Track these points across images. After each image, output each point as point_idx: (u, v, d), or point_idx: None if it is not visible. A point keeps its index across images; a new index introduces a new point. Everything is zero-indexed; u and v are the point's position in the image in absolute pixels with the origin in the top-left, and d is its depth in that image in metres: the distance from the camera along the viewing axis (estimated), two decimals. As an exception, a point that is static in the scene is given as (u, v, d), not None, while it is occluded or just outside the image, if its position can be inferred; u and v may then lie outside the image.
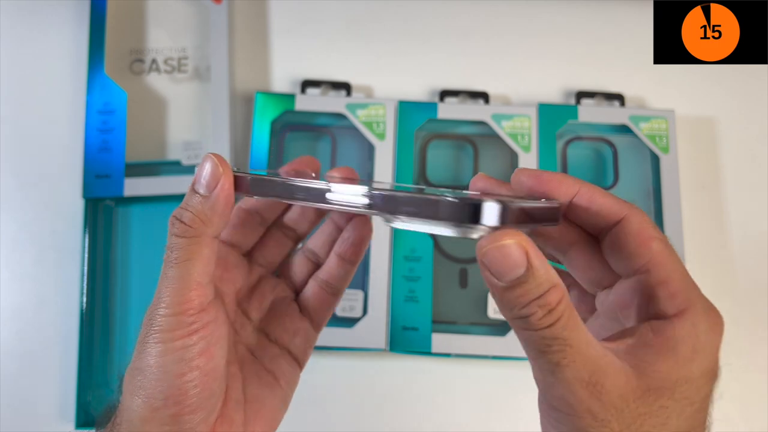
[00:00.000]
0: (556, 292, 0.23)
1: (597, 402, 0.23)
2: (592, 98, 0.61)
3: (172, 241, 0.29)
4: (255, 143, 0.58)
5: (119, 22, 0.61)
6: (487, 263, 0.23)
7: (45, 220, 0.59)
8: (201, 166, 0.29)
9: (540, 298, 0.22)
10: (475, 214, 0.22)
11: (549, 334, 0.23)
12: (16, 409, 0.56)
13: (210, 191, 0.29)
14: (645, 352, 0.24)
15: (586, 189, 0.26)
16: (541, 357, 0.23)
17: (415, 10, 0.64)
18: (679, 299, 0.24)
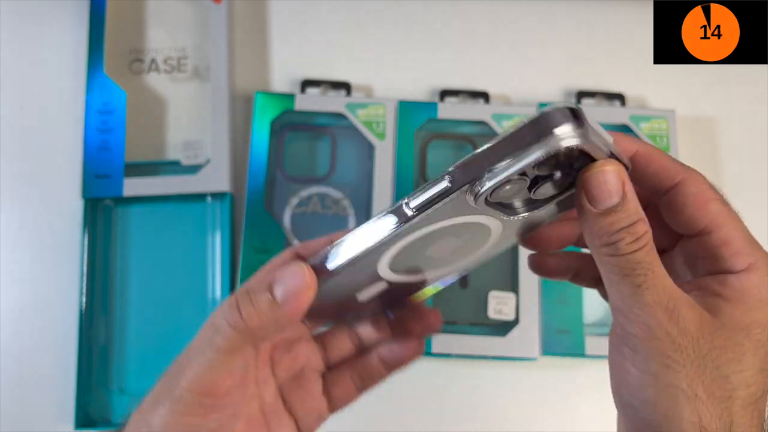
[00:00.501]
0: (644, 224, 0.24)
1: (675, 326, 0.24)
2: (593, 98, 0.61)
3: (223, 326, 0.26)
4: (255, 143, 0.57)
5: (119, 21, 0.61)
6: (586, 188, 0.24)
7: (44, 220, 0.58)
8: (290, 270, 0.26)
9: (630, 227, 0.24)
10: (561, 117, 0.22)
11: (634, 258, 0.24)
12: (16, 409, 0.56)
13: (286, 303, 0.26)
14: (715, 300, 0.25)
15: (645, 148, 0.27)
16: (624, 280, 0.24)
17: (415, 10, 0.64)
18: (743, 257, 0.25)
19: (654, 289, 0.24)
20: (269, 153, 0.58)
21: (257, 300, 0.26)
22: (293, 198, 0.58)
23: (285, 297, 0.26)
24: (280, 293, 0.26)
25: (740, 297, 0.25)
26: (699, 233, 0.26)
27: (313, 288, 0.26)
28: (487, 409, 0.56)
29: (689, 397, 0.24)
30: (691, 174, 0.26)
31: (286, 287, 0.26)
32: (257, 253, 0.55)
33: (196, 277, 0.57)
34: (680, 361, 0.24)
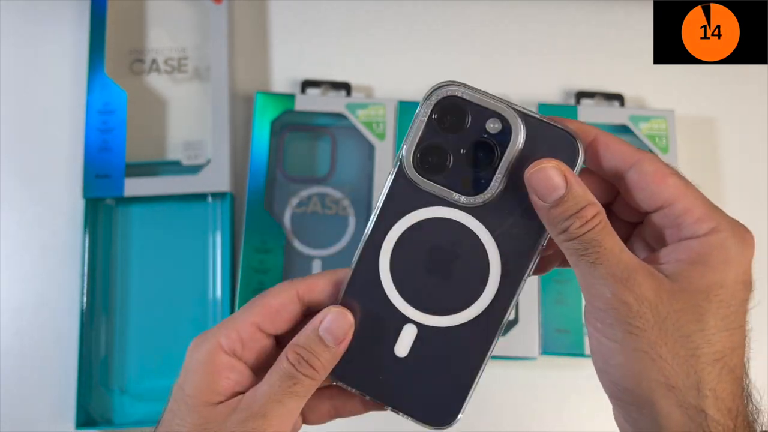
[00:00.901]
0: (592, 208, 0.26)
1: (630, 294, 0.25)
2: (592, 98, 0.61)
3: (297, 377, 0.29)
4: (255, 143, 0.58)
5: (119, 22, 0.61)
6: (533, 186, 0.27)
7: (45, 220, 0.59)
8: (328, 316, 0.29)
9: (578, 213, 0.26)
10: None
11: (584, 238, 0.26)
12: (16, 409, 0.56)
13: (337, 344, 0.29)
14: (676, 265, 0.26)
15: (603, 135, 0.29)
16: (580, 261, 0.26)
17: (415, 10, 0.64)
18: (705, 222, 0.26)
19: (606, 263, 0.26)
20: (269, 153, 0.58)
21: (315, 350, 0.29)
22: (293, 198, 0.58)
23: (336, 340, 0.29)
24: (332, 339, 0.29)
25: (700, 259, 0.26)
26: (661, 206, 0.27)
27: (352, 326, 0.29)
28: (486, 408, 0.57)
29: (653, 358, 0.25)
30: (646, 155, 0.28)
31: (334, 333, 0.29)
32: (257, 253, 0.55)
33: (197, 277, 0.57)
34: (640, 326, 0.25)
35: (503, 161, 0.28)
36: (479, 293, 0.29)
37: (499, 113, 0.28)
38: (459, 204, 0.29)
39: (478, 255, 0.29)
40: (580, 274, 0.27)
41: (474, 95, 0.29)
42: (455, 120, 0.29)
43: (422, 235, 0.29)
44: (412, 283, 0.30)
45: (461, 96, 0.29)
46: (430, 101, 0.29)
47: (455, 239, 0.29)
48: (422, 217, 0.29)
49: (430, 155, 0.29)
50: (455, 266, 0.29)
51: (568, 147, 0.28)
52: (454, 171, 0.29)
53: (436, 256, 0.29)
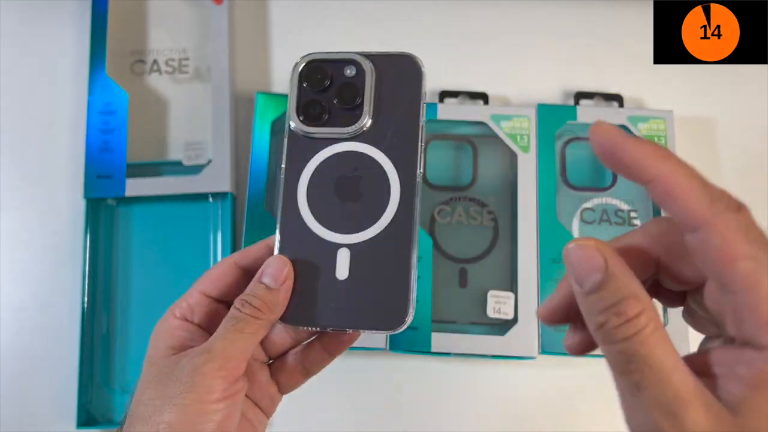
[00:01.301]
0: (636, 303, 0.22)
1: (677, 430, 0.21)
2: (591, 99, 0.61)
3: (240, 317, 0.32)
4: (256, 143, 0.58)
5: (120, 23, 0.61)
6: (569, 265, 0.23)
7: (46, 220, 0.59)
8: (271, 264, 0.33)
9: (616, 306, 0.22)
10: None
11: (626, 348, 0.22)
12: (16, 409, 0.56)
13: (279, 285, 0.33)
14: (736, 385, 0.22)
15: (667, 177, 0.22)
16: (621, 377, 0.22)
17: (415, 11, 0.65)
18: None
19: (652, 389, 0.21)
20: (270, 153, 0.58)
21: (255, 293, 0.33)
22: (294, 198, 0.58)
23: (275, 280, 0.33)
24: (271, 280, 0.33)
25: (760, 384, 0.21)
26: (723, 286, 0.22)
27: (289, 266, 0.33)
28: (486, 408, 0.57)
29: None
30: (717, 219, 0.22)
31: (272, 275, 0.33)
32: (258, 253, 0.56)
33: (198, 277, 0.57)
34: None
35: (366, 92, 0.35)
36: (388, 198, 0.34)
37: (348, 60, 0.36)
38: (346, 137, 0.35)
39: (374, 168, 0.34)
40: (619, 392, 0.23)
41: (326, 55, 0.36)
42: (320, 78, 0.35)
43: (326, 171, 0.35)
44: (332, 214, 0.34)
45: (318, 58, 0.36)
46: (297, 70, 0.36)
47: (353, 165, 0.35)
48: (322, 158, 0.35)
49: (311, 108, 0.35)
50: (360, 185, 0.34)
51: (411, 66, 0.36)
52: (333, 114, 0.35)
53: (343, 183, 0.35)
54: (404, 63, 0.36)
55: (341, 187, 0.35)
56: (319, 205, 0.35)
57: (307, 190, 0.35)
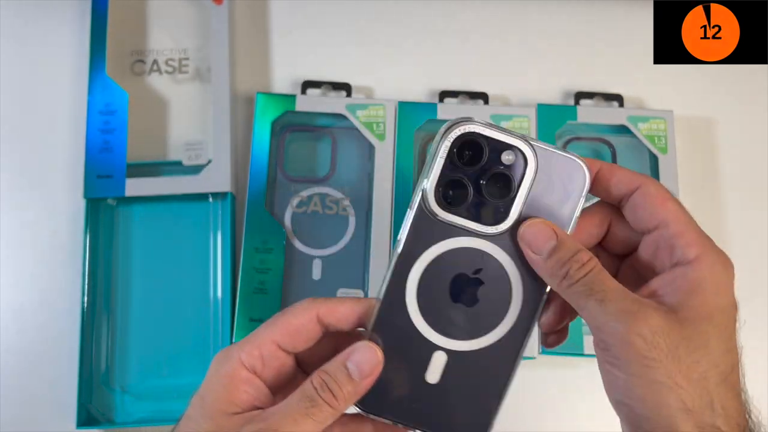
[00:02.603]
0: (585, 253, 0.29)
1: (645, 326, 0.27)
2: (591, 99, 0.61)
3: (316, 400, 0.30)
4: (255, 143, 0.58)
5: (120, 23, 0.61)
6: (526, 241, 0.30)
7: (46, 220, 0.59)
8: (358, 350, 0.30)
9: (573, 257, 0.29)
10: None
11: (588, 280, 0.28)
12: (18, 407, 0.56)
13: (362, 379, 0.30)
14: (676, 296, 0.28)
15: (607, 165, 0.32)
16: (588, 301, 0.28)
17: (415, 11, 0.65)
18: (695, 247, 0.29)
19: (615, 300, 0.28)
20: (270, 153, 0.58)
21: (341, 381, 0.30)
22: (294, 198, 0.58)
23: (362, 374, 0.30)
24: (357, 374, 0.30)
25: (698, 286, 0.28)
26: (657, 226, 0.30)
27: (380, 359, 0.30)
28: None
29: (671, 386, 0.27)
30: (649, 179, 0.31)
31: (361, 368, 0.30)
32: (258, 253, 0.56)
33: (198, 277, 0.57)
34: (656, 358, 0.27)
35: (521, 190, 0.31)
36: (503, 315, 0.31)
37: (514, 145, 0.31)
38: (480, 233, 0.31)
39: (500, 279, 0.31)
40: (589, 316, 0.28)
41: (489, 130, 0.31)
42: (473, 154, 0.31)
43: (446, 265, 0.31)
44: (438, 312, 0.31)
45: (478, 132, 0.31)
46: (449, 138, 0.30)
47: (478, 267, 0.31)
48: (446, 248, 0.31)
49: (452, 189, 0.31)
50: (479, 292, 0.31)
51: (578, 173, 0.31)
52: (474, 203, 0.31)
53: (461, 284, 0.31)
54: (570, 167, 0.31)
55: (457, 286, 0.31)
56: (428, 297, 0.31)
57: (420, 276, 0.31)
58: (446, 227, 0.31)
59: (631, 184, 0.31)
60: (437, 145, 0.31)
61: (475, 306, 0.31)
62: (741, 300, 0.59)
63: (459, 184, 0.31)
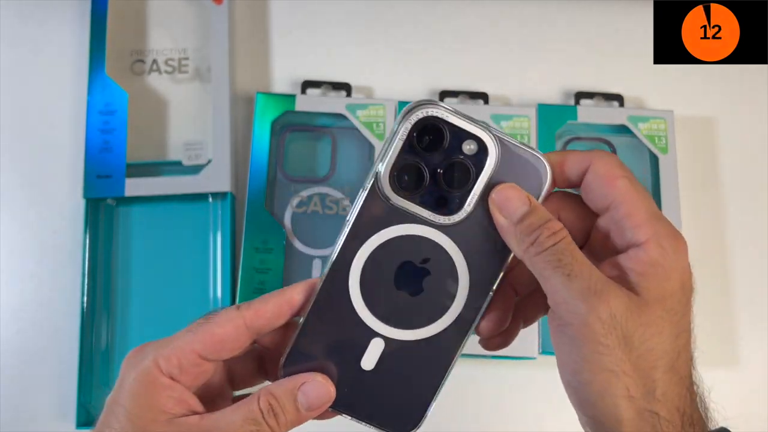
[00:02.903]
0: (556, 222, 0.28)
1: (606, 310, 0.26)
2: (591, 99, 0.61)
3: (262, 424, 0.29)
4: (255, 143, 0.58)
5: (120, 22, 0.61)
6: (498, 204, 0.29)
7: (46, 220, 0.59)
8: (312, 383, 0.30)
9: (543, 225, 0.28)
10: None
11: (557, 249, 0.27)
12: (16, 409, 0.56)
13: (308, 411, 0.30)
14: (631, 277, 0.28)
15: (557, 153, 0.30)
16: (554, 273, 0.27)
17: (415, 11, 0.65)
18: (644, 228, 0.28)
19: (581, 276, 0.27)
20: (270, 153, 0.58)
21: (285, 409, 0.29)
22: (294, 198, 0.58)
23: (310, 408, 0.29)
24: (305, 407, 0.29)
25: (650, 270, 0.27)
26: (608, 208, 0.29)
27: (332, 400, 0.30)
28: (486, 408, 0.57)
29: (618, 375, 0.26)
30: (598, 157, 0.29)
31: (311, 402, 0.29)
32: (258, 253, 0.56)
33: (198, 277, 0.57)
34: (609, 345, 0.26)
35: (478, 182, 0.29)
36: (447, 308, 0.30)
37: (476, 135, 0.29)
38: (432, 222, 0.30)
39: (447, 272, 0.30)
40: (552, 288, 0.27)
41: (452, 117, 0.29)
42: (433, 140, 0.29)
43: (394, 251, 0.30)
44: (380, 298, 0.30)
45: (441, 117, 0.29)
46: (410, 120, 0.29)
47: (426, 256, 0.30)
48: (396, 234, 0.30)
49: (407, 174, 0.29)
50: (425, 282, 0.30)
51: (538, 169, 0.29)
52: (429, 190, 0.29)
53: (407, 272, 0.30)
54: (530, 162, 0.29)
55: (403, 274, 0.30)
56: (372, 282, 0.30)
57: (366, 260, 0.30)
58: (398, 212, 0.30)
59: (582, 166, 0.29)
60: (397, 126, 0.29)
61: (418, 296, 0.30)
62: (741, 300, 0.59)
63: (415, 169, 0.29)
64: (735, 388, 0.57)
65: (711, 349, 0.57)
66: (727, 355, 0.58)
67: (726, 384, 0.58)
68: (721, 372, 0.57)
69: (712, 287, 0.59)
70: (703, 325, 0.57)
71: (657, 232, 0.28)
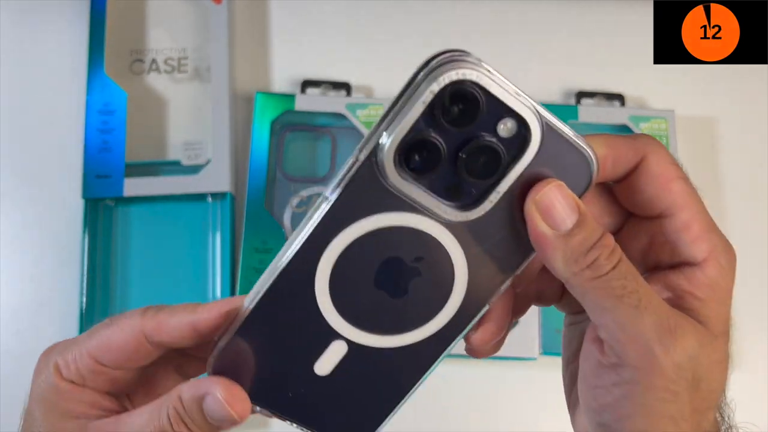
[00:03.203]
0: (609, 237, 0.22)
1: (682, 352, 0.22)
2: (592, 98, 0.61)
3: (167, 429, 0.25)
4: (255, 143, 0.58)
5: (119, 22, 0.61)
6: (542, 209, 0.22)
7: (45, 220, 0.59)
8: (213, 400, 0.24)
9: (600, 241, 0.22)
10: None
11: (618, 273, 0.22)
12: (16, 409, 0.56)
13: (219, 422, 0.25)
14: (686, 303, 0.23)
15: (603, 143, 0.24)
16: (619, 304, 0.22)
17: (415, 10, 0.64)
18: (704, 244, 0.23)
19: (652, 308, 0.22)
20: (269, 153, 0.58)
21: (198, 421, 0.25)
22: (294, 198, 0.58)
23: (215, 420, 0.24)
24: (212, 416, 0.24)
25: (711, 294, 0.23)
26: (659, 215, 0.24)
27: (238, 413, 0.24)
28: (487, 408, 0.57)
29: (677, 421, 0.22)
30: (654, 150, 0.24)
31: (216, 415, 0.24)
32: (257, 253, 0.55)
33: (197, 277, 0.57)
34: (678, 392, 0.22)
35: (510, 174, 0.22)
36: (430, 318, 0.25)
37: (519, 114, 0.22)
38: (437, 216, 0.23)
39: (442, 276, 0.24)
40: (614, 323, 0.22)
41: (495, 86, 0.22)
42: (464, 112, 0.22)
43: (381, 243, 0.23)
44: (353, 296, 0.24)
45: (480, 84, 0.21)
46: (438, 82, 0.21)
47: (420, 255, 0.24)
48: (387, 224, 0.23)
49: (419, 151, 0.22)
50: (412, 284, 0.24)
51: (583, 165, 0.23)
52: (442, 175, 0.22)
53: (392, 270, 0.24)
54: (574, 158, 0.23)
55: (387, 271, 0.24)
56: (346, 276, 0.24)
57: (344, 250, 0.23)
58: (395, 197, 0.22)
59: (633, 162, 0.24)
60: (418, 85, 0.22)
61: (400, 298, 0.24)
62: (741, 300, 0.59)
63: (431, 146, 0.22)
64: (735, 388, 0.57)
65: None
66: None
67: (727, 388, 0.58)
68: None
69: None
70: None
71: (715, 247, 0.23)
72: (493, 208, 0.23)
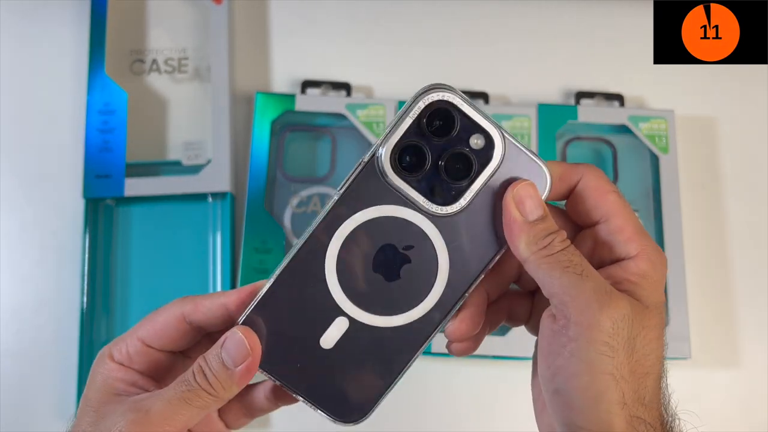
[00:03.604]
0: (563, 231, 0.28)
1: (617, 309, 0.26)
2: (592, 98, 0.61)
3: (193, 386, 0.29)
4: (255, 143, 0.58)
5: (120, 22, 0.61)
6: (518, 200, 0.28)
7: (45, 220, 0.59)
8: (231, 338, 0.29)
9: (556, 231, 0.28)
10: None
11: (567, 252, 0.28)
12: (16, 409, 0.56)
13: (235, 367, 0.29)
14: (626, 286, 0.28)
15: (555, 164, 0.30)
16: (565, 272, 0.27)
17: (415, 11, 0.64)
18: (635, 243, 0.29)
19: (593, 277, 0.27)
20: (270, 153, 0.58)
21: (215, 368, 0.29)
22: (294, 198, 0.58)
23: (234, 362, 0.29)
24: (231, 362, 0.29)
25: (643, 281, 0.28)
26: (597, 222, 0.30)
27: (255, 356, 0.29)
28: (487, 408, 0.57)
29: (617, 379, 0.26)
30: (588, 170, 0.30)
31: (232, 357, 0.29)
32: (258, 253, 0.55)
33: (197, 277, 0.57)
34: (615, 347, 0.26)
35: (479, 178, 0.29)
36: (419, 301, 0.30)
37: (486, 131, 0.29)
38: (424, 209, 0.29)
39: (428, 263, 0.29)
40: (561, 287, 0.27)
41: (467, 107, 0.29)
42: (443, 126, 0.29)
43: (378, 230, 0.29)
44: (355, 277, 0.29)
45: (455, 104, 0.28)
46: (424, 100, 0.28)
47: (410, 243, 0.29)
48: (384, 214, 0.29)
49: (410, 154, 0.29)
50: (403, 270, 0.30)
51: (539, 177, 0.29)
52: (428, 176, 0.29)
53: (387, 255, 0.29)
54: (532, 171, 0.29)
55: (383, 256, 0.29)
56: (350, 259, 0.29)
57: (349, 235, 0.29)
58: (391, 192, 0.29)
59: (574, 179, 0.30)
60: (410, 104, 0.28)
61: (393, 282, 0.29)
62: (742, 300, 0.59)
63: (419, 151, 0.29)
64: (736, 389, 0.57)
65: (711, 349, 0.57)
66: (728, 356, 0.58)
67: (727, 385, 0.58)
68: (721, 373, 0.57)
69: (712, 287, 0.59)
70: (703, 325, 0.57)
71: (646, 246, 0.29)
72: (468, 206, 0.29)
